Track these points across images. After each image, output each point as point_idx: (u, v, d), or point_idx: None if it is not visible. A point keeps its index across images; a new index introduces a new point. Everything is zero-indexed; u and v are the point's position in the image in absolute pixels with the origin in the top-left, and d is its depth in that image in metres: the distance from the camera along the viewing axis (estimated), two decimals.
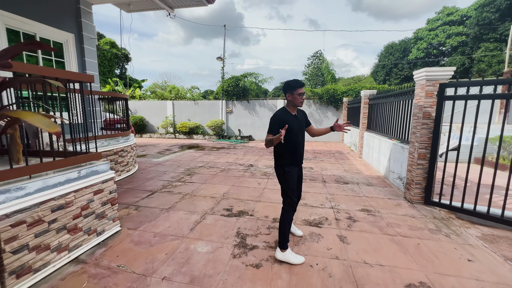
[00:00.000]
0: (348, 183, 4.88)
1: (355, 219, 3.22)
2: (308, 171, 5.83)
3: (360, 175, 5.51)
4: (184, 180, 4.96)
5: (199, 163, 6.58)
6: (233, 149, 9.36)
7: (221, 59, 12.73)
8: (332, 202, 3.83)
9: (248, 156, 7.76)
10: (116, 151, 4.83)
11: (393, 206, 3.70)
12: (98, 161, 2.65)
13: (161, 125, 13.10)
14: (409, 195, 3.89)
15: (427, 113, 3.56)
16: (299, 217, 3.28)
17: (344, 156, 7.73)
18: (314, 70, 36.93)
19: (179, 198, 3.93)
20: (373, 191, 4.41)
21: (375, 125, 6.51)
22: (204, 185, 4.67)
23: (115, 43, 27.95)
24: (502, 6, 20.78)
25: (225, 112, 12.91)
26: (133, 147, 5.62)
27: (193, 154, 8.08)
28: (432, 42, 26.53)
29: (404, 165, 4.29)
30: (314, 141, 11.74)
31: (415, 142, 3.74)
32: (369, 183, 4.89)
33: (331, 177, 5.28)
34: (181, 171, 5.75)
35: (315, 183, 4.87)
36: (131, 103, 13.97)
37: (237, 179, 5.12)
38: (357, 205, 3.73)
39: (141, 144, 10.36)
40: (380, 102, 6.06)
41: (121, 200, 3.82)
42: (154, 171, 5.74)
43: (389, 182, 4.91)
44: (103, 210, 2.59)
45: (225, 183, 4.82)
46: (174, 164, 6.50)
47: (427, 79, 3.49)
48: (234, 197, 4.04)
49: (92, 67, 6.28)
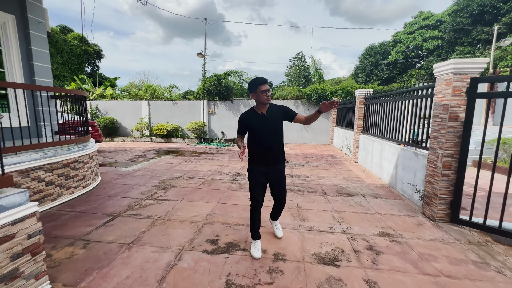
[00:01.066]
0: (353, 195, 4.21)
1: (378, 250, 2.52)
2: (304, 180, 5.11)
3: (362, 184, 4.88)
4: (157, 197, 4.02)
5: (176, 173, 5.63)
6: (216, 154, 8.46)
7: (202, 55, 11.73)
8: (342, 224, 3.10)
9: (234, 162, 6.90)
10: (67, 163, 3.78)
11: (414, 226, 3.06)
12: (6, 190, 1.70)
13: (136, 128, 11.84)
14: (429, 211, 3.27)
15: (454, 114, 2.95)
16: (307, 249, 2.51)
17: (339, 161, 7.13)
18: (296, 72, 36.87)
19: (148, 225, 3.01)
20: (384, 205, 3.76)
21: (374, 127, 5.95)
22: (182, 203, 3.77)
23: (85, 38, 25.84)
24: (475, 11, 21.71)
25: (207, 113, 11.94)
26: (93, 156, 4.57)
27: (171, 161, 7.08)
28: (410, 45, 27.28)
29: (419, 175, 3.69)
30: (303, 144, 11.14)
31: (438, 149, 3.13)
32: (375, 194, 4.25)
33: (332, 188, 4.59)
34: (154, 183, 4.78)
35: (316, 196, 4.15)
36: (101, 103, 12.55)
37: (223, 193, 4.27)
38: (372, 226, 3.04)
39: (110, 150, 9.12)
40: (381, 102, 5.49)
41: (66, 231, 2.83)
42: (120, 184, 4.71)
43: (397, 193, 4.31)
44: (14, 268, 1.64)
45: (208, 199, 3.95)
46: (147, 174, 5.49)
47: (455, 73, 2.88)
48: (220, 220, 3.19)
49: (41, 57, 5.11)
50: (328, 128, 11.16)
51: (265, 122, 2.26)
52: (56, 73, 21.43)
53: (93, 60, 28.68)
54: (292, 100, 11.23)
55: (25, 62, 4.88)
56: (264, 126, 2.25)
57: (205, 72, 11.92)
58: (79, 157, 4.04)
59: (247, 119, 2.31)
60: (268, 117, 2.28)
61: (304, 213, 3.44)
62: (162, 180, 5.00)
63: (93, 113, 12.34)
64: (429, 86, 3.52)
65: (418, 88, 3.83)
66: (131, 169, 5.95)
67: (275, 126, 2.29)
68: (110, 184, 4.71)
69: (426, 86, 3.59)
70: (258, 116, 2.29)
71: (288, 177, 5.30)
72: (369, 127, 6.29)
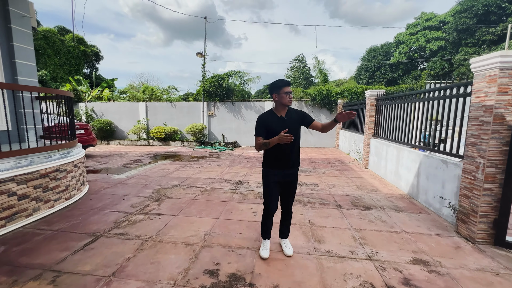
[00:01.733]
0: (371, 208, 3.73)
1: (417, 286, 2.03)
2: (314, 189, 4.63)
3: (378, 194, 4.40)
4: (149, 211, 3.54)
5: (173, 181, 5.15)
6: (216, 158, 7.98)
7: (201, 55, 11.28)
8: (365, 247, 2.62)
9: (235, 168, 6.43)
10: (46, 172, 3.30)
11: (452, 250, 2.57)
12: None
13: (132, 131, 11.37)
14: (466, 230, 2.79)
15: (500, 117, 2.48)
16: (329, 284, 2.02)
17: (348, 167, 6.65)
18: (296, 73, 36.52)
19: (135, 249, 2.53)
20: (409, 221, 3.28)
21: (388, 130, 5.47)
22: (177, 219, 3.29)
23: (84, 40, 25.51)
24: (480, 12, 21.33)
25: (206, 115, 11.48)
26: (79, 164, 4.09)
27: (168, 166, 6.60)
28: (412, 46, 26.90)
29: (449, 186, 3.21)
30: (307, 147, 10.66)
31: (478, 158, 2.65)
32: (396, 207, 3.77)
33: (345, 199, 4.11)
34: (147, 194, 4.30)
35: (329, 209, 3.66)
36: (97, 105, 12.10)
37: (224, 205, 3.78)
38: (402, 250, 2.56)
39: (104, 154, 8.64)
40: (397, 103, 5.03)
41: (35, 258, 2.34)
42: (110, 195, 4.23)
43: (420, 205, 3.82)
44: None
45: (207, 213, 3.47)
46: (140, 182, 5.01)
47: (501, 68, 2.42)
48: (220, 241, 2.71)
49: (25, 55, 4.66)
50: (333, 130, 10.70)
51: (284, 125, 2.18)
52: (54, 75, 21.06)
53: (92, 62, 28.32)
54: (295, 101, 10.78)
55: (6, 60, 4.43)
56: (282, 130, 2.11)
57: (204, 73, 11.48)
58: (61, 165, 3.57)
59: (266, 121, 2.24)
60: (287, 121, 2.24)
61: (318, 231, 2.96)
62: (157, 190, 4.52)
63: (89, 115, 11.89)
64: (463, 84, 3.05)
65: (449, 86, 3.35)
66: (123, 176, 5.47)
67: (293, 130, 2.20)
68: (98, 195, 4.23)
69: (460, 84, 3.11)
70: (277, 118, 2.25)
71: None
72: (382, 130, 5.81)
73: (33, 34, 5.08)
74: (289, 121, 2.24)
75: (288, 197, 2.40)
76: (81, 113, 11.86)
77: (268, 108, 11.22)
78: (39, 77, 18.89)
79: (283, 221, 2.53)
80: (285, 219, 2.51)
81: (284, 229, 2.54)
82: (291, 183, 2.35)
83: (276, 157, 2.25)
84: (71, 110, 4.31)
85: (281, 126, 2.17)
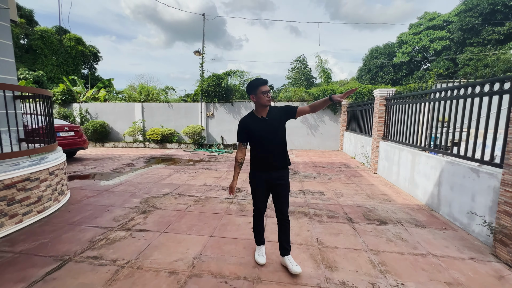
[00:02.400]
0: (387, 222, 3.26)
1: None
2: (320, 198, 4.16)
3: (392, 204, 3.92)
4: (132, 226, 3.08)
5: (165, 188, 4.69)
6: (214, 162, 7.52)
7: (199, 53, 10.84)
8: (388, 277, 2.15)
9: None
10: (12, 183, 2.85)
11: (494, 281, 2.10)
12: None
13: (128, 132, 10.93)
14: (508, 254, 2.32)
15: None
16: None
17: (355, 172, 6.18)
18: (297, 74, 36.11)
19: (106, 280, 2.07)
20: (433, 239, 2.81)
21: (401, 133, 5.01)
22: (163, 236, 2.82)
23: (82, 40, 25.17)
24: (485, 10, 20.86)
25: (205, 116, 11.03)
26: (56, 171, 3.63)
27: (161, 171, 6.15)
28: (416, 46, 26.43)
29: (481, 199, 2.74)
30: (310, 150, 10.19)
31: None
32: (415, 221, 3.30)
33: (356, 211, 3.64)
34: (134, 204, 3.84)
35: (339, 224, 3.19)
36: (92, 106, 11.67)
37: (218, 219, 3.32)
38: (433, 281, 2.09)
39: (96, 157, 8.19)
40: (412, 103, 4.57)
41: None
42: (92, 205, 3.78)
43: (443, 219, 3.35)
44: None
45: (199, 229, 3.01)
46: (128, 190, 4.55)
47: None
48: (212, 268, 2.25)
49: (2, 50, 4.22)
50: (337, 132, 10.23)
51: (266, 126, 2.12)
52: (51, 75, 20.69)
53: (90, 62, 27.95)
54: (297, 102, 10.32)
55: None
56: (265, 131, 2.11)
57: (203, 72, 11.04)
58: (33, 173, 3.12)
59: (246, 124, 2.17)
60: (269, 121, 2.14)
61: (329, 254, 2.49)
62: (145, 199, 4.06)
63: (83, 116, 11.46)
64: (497, 79, 2.58)
65: (484, 81, 2.88)
66: (111, 183, 5.02)
67: (277, 130, 2.13)
68: (79, 205, 3.77)
69: (498, 79, 2.64)
70: (258, 120, 2.15)
71: (300, 194, 4.35)
72: (394, 132, 5.34)
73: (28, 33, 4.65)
74: (270, 121, 2.12)
75: (279, 202, 2.20)
76: (75, 114, 11.43)
77: None
78: (36, 78, 18.51)
79: (281, 234, 2.25)
80: (283, 231, 2.24)
81: (284, 244, 2.24)
82: (280, 186, 2.18)
83: (259, 159, 2.17)
84: (49, 111, 3.86)
85: (263, 127, 2.11)
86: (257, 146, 2.15)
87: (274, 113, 2.16)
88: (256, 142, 2.14)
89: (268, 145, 2.12)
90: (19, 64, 19.38)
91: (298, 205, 3.84)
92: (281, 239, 2.25)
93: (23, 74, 17.96)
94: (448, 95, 3.51)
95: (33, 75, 18.26)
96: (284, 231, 2.23)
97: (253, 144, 2.18)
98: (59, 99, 11.33)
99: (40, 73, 19.01)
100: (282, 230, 2.24)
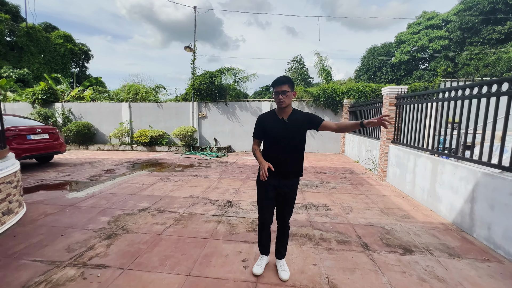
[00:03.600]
0: (412, 250, 2.61)
1: None
2: (325, 215, 3.50)
3: (412, 222, 3.28)
4: (88, 259, 2.38)
5: (143, 201, 3.99)
6: (205, 167, 6.82)
7: (190, 49, 10.11)
8: None
9: (226, 181, 5.28)
10: None
11: None
12: None
13: (114, 134, 10.16)
14: None
15: None
16: None
17: (361, 179, 5.53)
18: (294, 75, 35.57)
19: None
20: (478, 278, 2.16)
21: (417, 136, 4.38)
22: (124, 277, 2.13)
23: (71, 37, 24.25)
24: (485, 9, 20.51)
25: (197, 117, 10.32)
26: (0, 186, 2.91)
27: (144, 179, 5.44)
28: (415, 45, 26.04)
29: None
30: (309, 153, 9.56)
31: None
32: (447, 248, 2.65)
33: (371, 232, 2.99)
34: (100, 225, 3.13)
35: (352, 252, 2.53)
36: (75, 105, 10.88)
37: (201, 246, 2.64)
38: None
39: (75, 162, 7.43)
40: (433, 102, 3.94)
41: None
42: (47, 227, 3.06)
43: (480, 244, 2.71)
44: None
45: (174, 264, 2.32)
46: (99, 204, 3.84)
47: None
48: None
49: None
50: (338, 134, 9.60)
51: (284, 129, 1.99)
52: (37, 74, 19.74)
53: (81, 61, 26.97)
54: (296, 102, 9.68)
55: None
56: (282, 134, 1.99)
57: (194, 70, 10.31)
58: None
59: (264, 121, 2.07)
60: (289, 124, 2.00)
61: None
62: (116, 218, 3.36)
63: (65, 116, 10.66)
64: None
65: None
66: (81, 195, 4.30)
67: (295, 136, 2.00)
68: (30, 227, 3.05)
69: None
70: (277, 120, 2.03)
71: (301, 209, 3.69)
72: (407, 135, 4.71)
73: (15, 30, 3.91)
74: (290, 125, 1.99)
75: (283, 209, 2.15)
76: (57, 114, 10.63)
77: (265, 109, 10.10)
78: (20, 76, 17.64)
79: (279, 238, 2.23)
80: (281, 235, 2.22)
81: (280, 248, 2.24)
82: (288, 194, 2.09)
83: (273, 164, 1.96)
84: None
85: (280, 130, 2.00)
86: (271, 147, 2.04)
87: (296, 118, 2.03)
88: (271, 143, 2.03)
89: (283, 150, 1.99)
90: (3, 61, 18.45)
91: (300, 225, 3.18)
92: (278, 244, 2.24)
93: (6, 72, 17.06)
94: (491, 91, 2.88)
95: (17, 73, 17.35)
96: (283, 236, 2.22)
97: (267, 145, 2.07)
98: (39, 98, 10.51)
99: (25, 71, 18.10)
100: (280, 235, 2.22)
